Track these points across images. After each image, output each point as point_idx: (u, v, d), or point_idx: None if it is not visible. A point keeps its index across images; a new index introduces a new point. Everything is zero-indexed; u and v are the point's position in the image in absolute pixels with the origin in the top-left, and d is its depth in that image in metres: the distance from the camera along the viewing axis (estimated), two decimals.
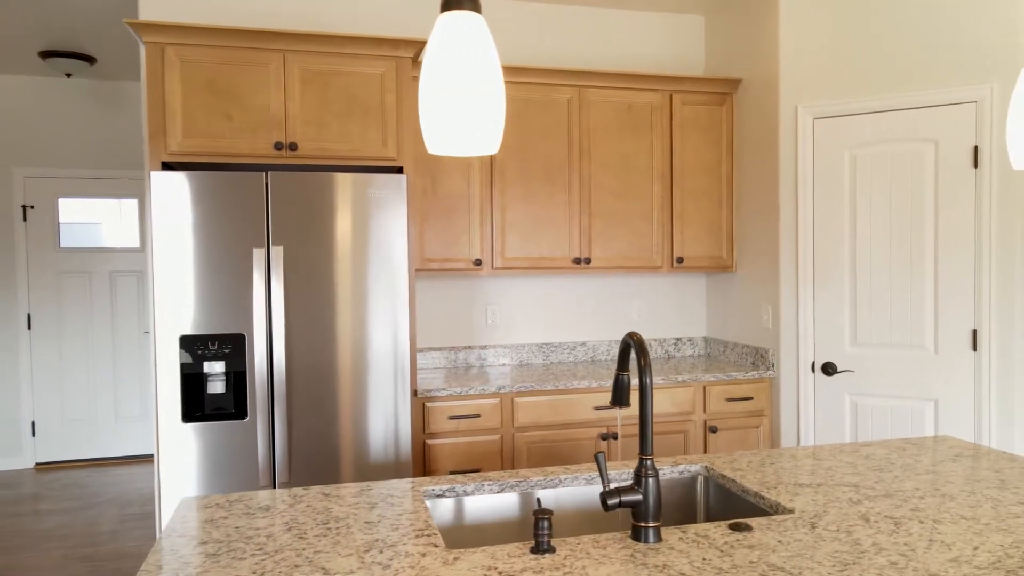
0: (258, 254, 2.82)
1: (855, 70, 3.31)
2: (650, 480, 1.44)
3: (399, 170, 3.23)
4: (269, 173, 2.83)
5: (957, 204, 3.14)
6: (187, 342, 2.79)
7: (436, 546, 1.42)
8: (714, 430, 3.51)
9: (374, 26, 3.73)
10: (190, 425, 2.80)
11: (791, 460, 1.99)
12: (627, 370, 1.62)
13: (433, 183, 3.49)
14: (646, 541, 1.42)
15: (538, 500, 1.46)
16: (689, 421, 3.50)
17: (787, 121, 3.49)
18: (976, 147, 3.10)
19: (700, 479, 1.96)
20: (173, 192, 2.76)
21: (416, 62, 3.20)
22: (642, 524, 1.43)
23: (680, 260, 3.79)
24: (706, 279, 4.23)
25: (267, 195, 2.84)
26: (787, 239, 3.51)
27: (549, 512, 1.39)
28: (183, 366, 2.79)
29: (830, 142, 3.38)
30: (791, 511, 1.60)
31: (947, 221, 3.16)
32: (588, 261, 3.67)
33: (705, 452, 3.53)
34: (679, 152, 3.79)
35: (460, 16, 1.11)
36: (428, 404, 3.20)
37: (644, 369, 1.44)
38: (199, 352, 2.80)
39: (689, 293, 4.21)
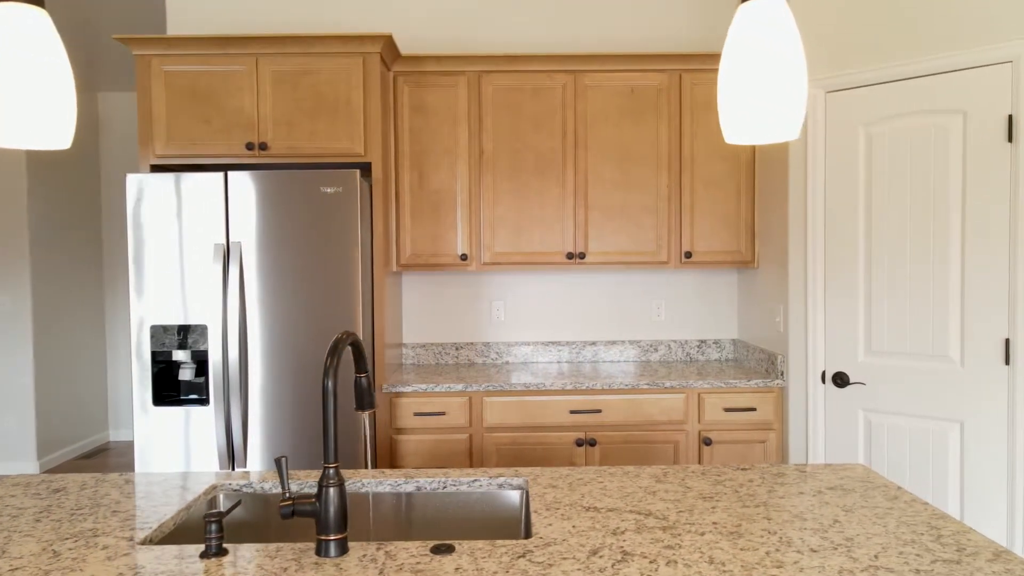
0: (218, 250, 2.97)
1: (871, 34, 2.85)
2: (331, 490, 1.34)
3: (368, 166, 3.26)
4: (228, 173, 2.97)
5: (988, 187, 2.61)
6: (157, 331, 3.00)
7: (130, 540, 1.42)
8: (708, 442, 3.19)
9: (355, 23, 3.78)
10: (161, 409, 3.01)
11: (626, 479, 1.76)
12: (365, 372, 1.52)
13: (420, 178, 3.47)
14: (327, 555, 1.33)
15: (238, 502, 1.41)
16: (681, 431, 3.21)
17: None
18: (1011, 117, 2.55)
19: (521, 495, 1.80)
20: (144, 193, 2.98)
21: (383, 57, 3.21)
22: (322, 537, 1.34)
23: (688, 255, 3.48)
24: (737, 276, 3.85)
25: (226, 194, 2.97)
26: (796, 231, 3.11)
27: (219, 514, 1.34)
28: (155, 354, 3.00)
29: (843, 119, 2.94)
30: (531, 536, 1.42)
31: (976, 208, 2.63)
32: (582, 256, 3.48)
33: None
34: (689, 137, 3.48)
35: (21, 8, 1.10)
36: (396, 399, 3.20)
37: (327, 371, 1.35)
38: (167, 341, 3.00)
39: (718, 292, 3.86)
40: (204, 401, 3.00)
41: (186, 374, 3.02)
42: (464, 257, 3.46)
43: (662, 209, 3.48)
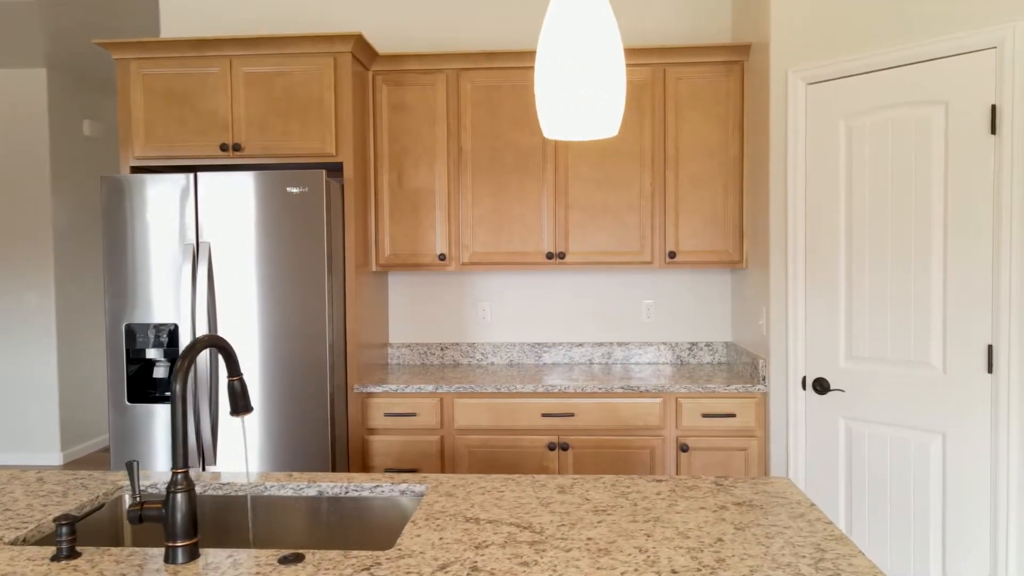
0: (187, 250, 3.00)
1: (852, 22, 2.70)
2: (178, 496, 1.32)
3: (339, 166, 3.25)
4: (198, 174, 3.00)
5: (971, 184, 2.43)
6: (131, 330, 3.05)
7: None
8: (685, 448, 3.08)
9: (359, 22, 3.77)
10: (136, 405, 3.06)
11: (530, 489, 1.69)
12: (238, 375, 1.50)
13: (399, 178, 3.45)
14: (173, 562, 1.31)
15: (100, 506, 1.40)
16: (658, 437, 3.10)
17: (777, 89, 2.94)
18: (994, 107, 2.38)
19: (419, 502, 1.74)
20: (118, 194, 3.03)
21: (357, 56, 3.19)
22: (168, 544, 1.31)
23: (672, 255, 3.36)
24: (731, 277, 3.70)
25: (195, 195, 3.00)
26: (777, 230, 2.97)
27: (71, 518, 1.33)
28: (129, 351, 3.06)
29: (824, 112, 2.79)
30: (390, 547, 1.37)
31: (958, 207, 2.46)
32: (562, 256, 3.40)
33: (677, 473, 3.11)
34: (674, 133, 3.36)
35: None
36: (367, 400, 3.18)
37: (176, 375, 1.32)
38: (141, 339, 3.05)
39: (711, 293, 3.72)
40: None
41: (160, 372, 3.06)
42: (442, 257, 3.43)
43: (645, 208, 3.38)
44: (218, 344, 1.42)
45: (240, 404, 1.50)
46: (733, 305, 3.67)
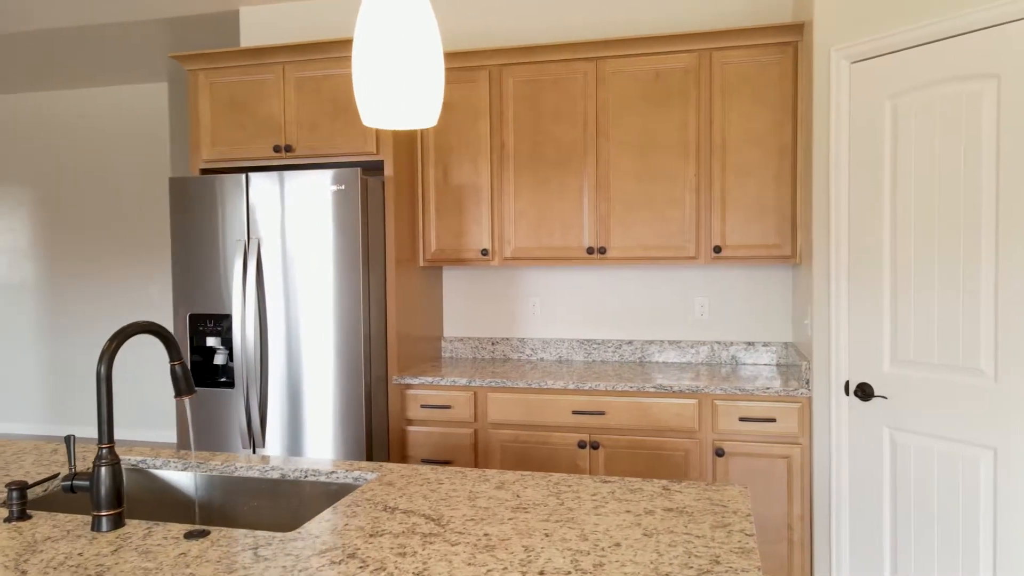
0: (239, 246, 3.22)
1: None
2: (103, 469, 1.43)
3: (380, 164, 3.35)
4: (249, 175, 3.20)
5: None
6: (194, 319, 3.31)
7: None
8: (720, 453, 2.93)
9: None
10: (200, 390, 3.31)
11: (471, 484, 1.68)
12: (179, 359, 1.59)
13: (444, 175, 3.51)
14: (98, 530, 1.42)
15: (54, 475, 1.55)
16: (693, 439, 2.97)
17: (820, 70, 2.73)
18: None
19: None
20: (182, 194, 3.29)
21: None
22: (94, 513, 1.43)
23: (718, 249, 3.20)
24: (792, 273, 3.47)
25: (247, 194, 3.21)
26: (819, 223, 2.76)
27: (22, 484, 1.48)
28: (192, 339, 3.32)
29: (868, 92, 2.56)
30: (290, 530, 1.42)
31: (1011, 191, 2.19)
32: (603, 251, 3.32)
33: (714, 480, 2.97)
34: (720, 122, 3.20)
35: None
36: (406, 391, 3.27)
37: (103, 356, 1.43)
38: (201, 329, 3.29)
39: (769, 290, 3.50)
40: (232, 384, 3.27)
41: (220, 359, 3.30)
42: (485, 252, 3.45)
43: (689, 201, 3.24)
44: (154, 330, 1.53)
45: (183, 387, 1.60)
46: (793, 303, 3.44)
